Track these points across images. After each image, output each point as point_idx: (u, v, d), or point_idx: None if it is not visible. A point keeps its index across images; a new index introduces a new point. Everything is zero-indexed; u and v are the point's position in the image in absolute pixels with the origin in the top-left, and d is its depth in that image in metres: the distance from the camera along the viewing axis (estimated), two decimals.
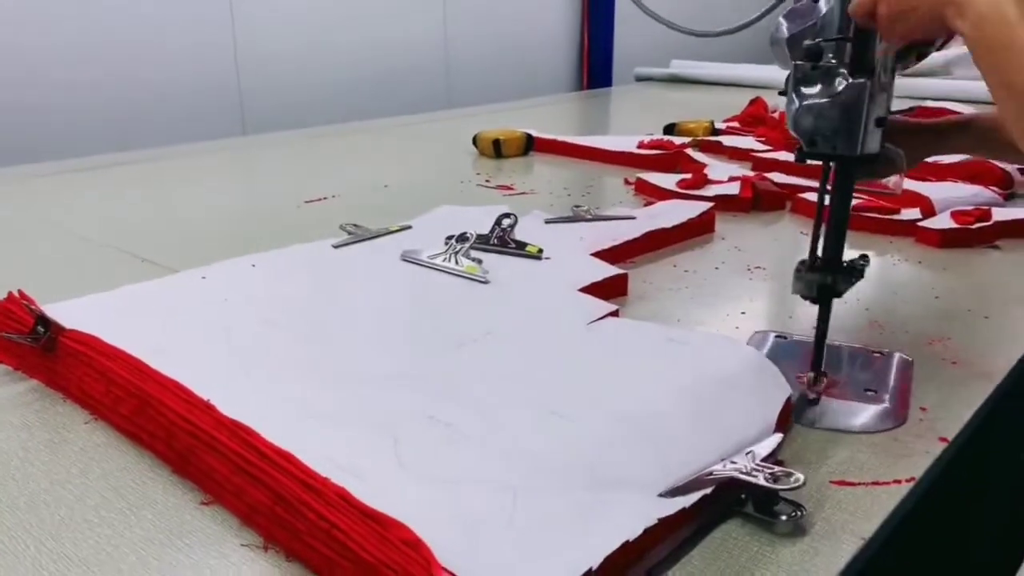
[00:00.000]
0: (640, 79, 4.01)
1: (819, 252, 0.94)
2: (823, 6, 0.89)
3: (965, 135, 1.05)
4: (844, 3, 0.85)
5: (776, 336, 1.08)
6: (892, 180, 1.04)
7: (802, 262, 0.95)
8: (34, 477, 0.78)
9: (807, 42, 0.87)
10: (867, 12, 0.79)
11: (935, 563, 0.75)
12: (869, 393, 0.94)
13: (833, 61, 0.86)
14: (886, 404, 0.92)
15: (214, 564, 0.66)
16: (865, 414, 0.90)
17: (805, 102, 0.87)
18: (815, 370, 0.95)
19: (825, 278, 0.92)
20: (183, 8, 3.21)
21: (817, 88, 0.86)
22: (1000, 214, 1.54)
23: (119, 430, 0.85)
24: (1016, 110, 0.58)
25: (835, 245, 0.93)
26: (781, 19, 0.91)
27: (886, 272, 1.38)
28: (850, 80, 0.85)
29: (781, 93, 0.91)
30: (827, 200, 0.93)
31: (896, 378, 0.98)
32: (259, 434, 0.72)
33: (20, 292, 1.02)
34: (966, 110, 2.02)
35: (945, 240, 1.47)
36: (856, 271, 0.95)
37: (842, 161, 0.90)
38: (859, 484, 0.78)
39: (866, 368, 1.01)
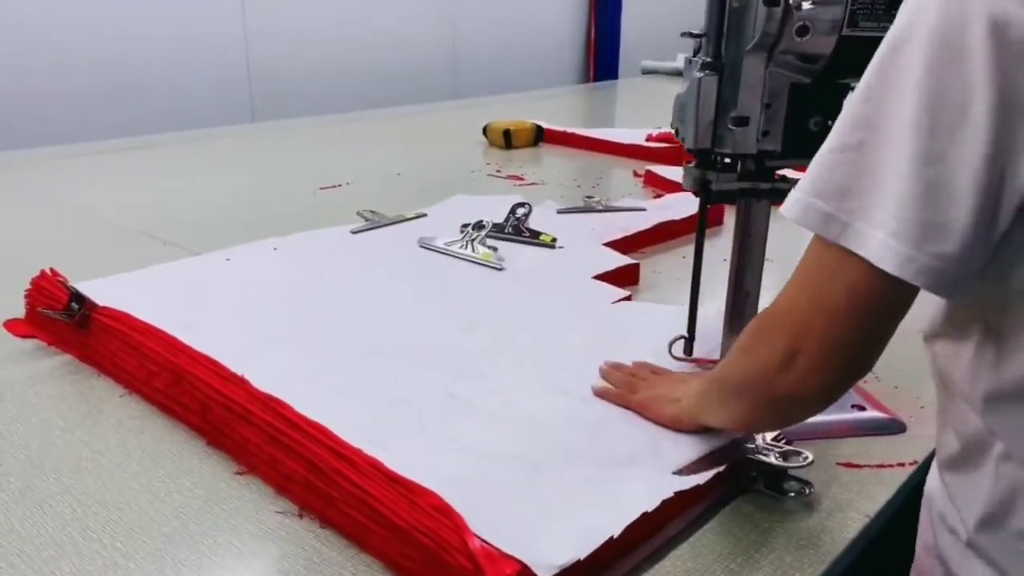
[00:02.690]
0: (646, 72, 4.04)
1: None
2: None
3: None
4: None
5: None
6: None
7: None
8: (75, 446, 0.81)
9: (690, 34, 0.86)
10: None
11: None
12: (855, 409, 0.89)
13: (694, 58, 0.85)
14: (878, 413, 0.89)
15: (252, 530, 0.70)
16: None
17: (679, 92, 0.87)
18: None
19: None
20: None
21: (687, 82, 0.85)
22: None
23: (153, 403, 0.89)
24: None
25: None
26: None
27: None
28: (698, 75, 0.83)
29: None
30: None
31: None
32: (292, 407, 0.75)
33: (52, 270, 1.05)
34: None
35: None
36: None
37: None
38: (865, 466, 0.81)
39: None
